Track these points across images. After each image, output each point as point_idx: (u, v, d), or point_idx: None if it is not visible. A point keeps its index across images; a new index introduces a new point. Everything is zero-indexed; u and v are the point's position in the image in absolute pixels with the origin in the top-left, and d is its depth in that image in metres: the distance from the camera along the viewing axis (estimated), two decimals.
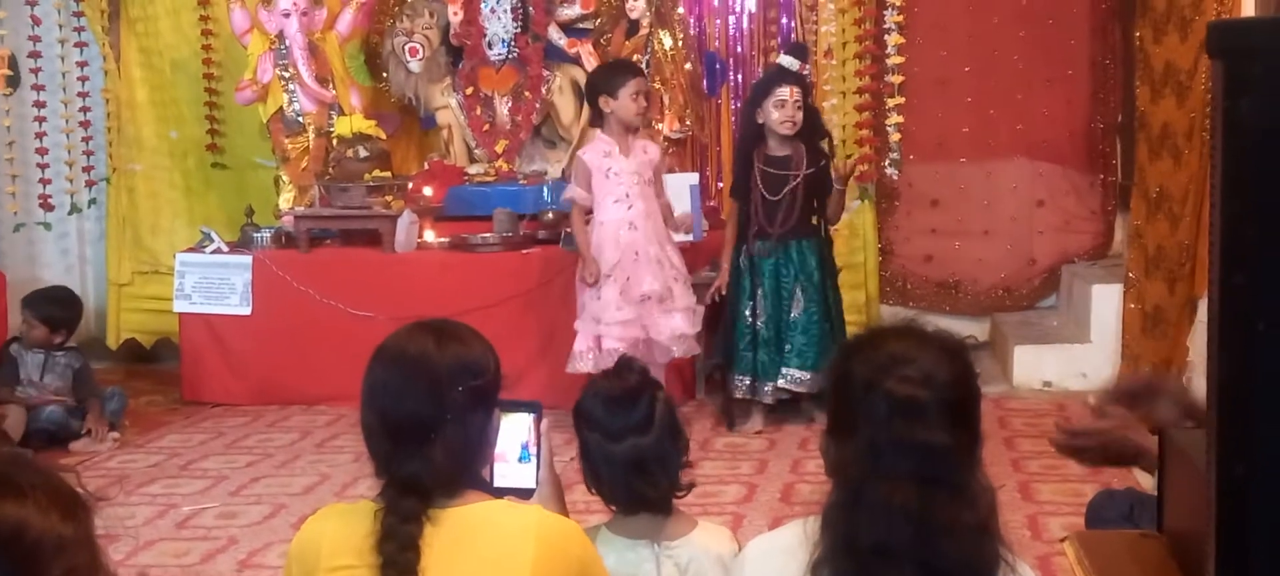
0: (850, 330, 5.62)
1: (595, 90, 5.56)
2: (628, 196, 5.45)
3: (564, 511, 2.31)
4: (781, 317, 5.52)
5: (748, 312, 5.54)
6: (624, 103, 5.42)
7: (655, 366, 5.34)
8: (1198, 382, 2.01)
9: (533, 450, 2.23)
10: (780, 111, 5.41)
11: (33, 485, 1.41)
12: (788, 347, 5.51)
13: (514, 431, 2.21)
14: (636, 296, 5.44)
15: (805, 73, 5.67)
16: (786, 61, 5.59)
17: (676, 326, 5.50)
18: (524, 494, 2.21)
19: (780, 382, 5.53)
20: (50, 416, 5.77)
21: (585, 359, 5.52)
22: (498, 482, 2.20)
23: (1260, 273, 1.40)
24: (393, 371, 2.05)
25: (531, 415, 2.23)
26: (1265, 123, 1.38)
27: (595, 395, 2.49)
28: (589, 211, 5.53)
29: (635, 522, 2.46)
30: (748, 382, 5.57)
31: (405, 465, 2.00)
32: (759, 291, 5.52)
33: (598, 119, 5.58)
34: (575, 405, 2.53)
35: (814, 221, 5.59)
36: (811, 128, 5.56)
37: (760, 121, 5.49)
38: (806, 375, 5.50)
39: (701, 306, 5.65)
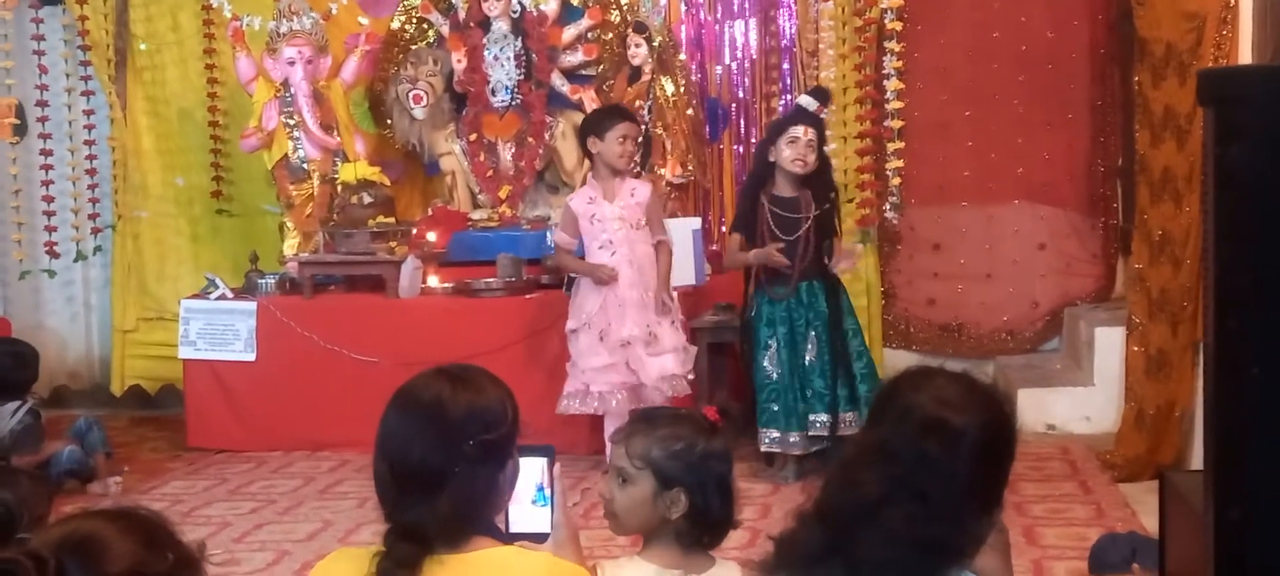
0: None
1: (585, 132, 5.58)
2: (611, 243, 5.45)
3: (580, 555, 2.30)
4: (799, 364, 5.47)
5: (766, 363, 5.50)
6: (610, 145, 5.41)
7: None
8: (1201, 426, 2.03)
9: (548, 493, 2.23)
10: (792, 149, 5.39)
11: (134, 527, 1.60)
12: (809, 392, 5.46)
13: (528, 475, 2.21)
14: (617, 342, 5.43)
15: (823, 116, 5.66)
16: (805, 101, 5.59)
17: (665, 367, 5.45)
18: (538, 538, 2.21)
19: (811, 432, 5.46)
20: (71, 456, 5.76)
21: (573, 401, 5.54)
22: (513, 528, 2.19)
23: (1254, 318, 1.40)
24: (404, 419, 2.03)
25: (545, 459, 2.23)
26: (1256, 169, 1.39)
27: (702, 430, 2.43)
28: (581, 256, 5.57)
29: (667, 553, 2.42)
30: (775, 436, 5.48)
31: (409, 512, 1.99)
32: (774, 341, 5.49)
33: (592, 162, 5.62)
34: (696, 455, 2.40)
35: (826, 261, 5.58)
36: (821, 176, 5.54)
37: (772, 160, 5.48)
38: (827, 417, 5.46)
39: (692, 348, 5.64)
